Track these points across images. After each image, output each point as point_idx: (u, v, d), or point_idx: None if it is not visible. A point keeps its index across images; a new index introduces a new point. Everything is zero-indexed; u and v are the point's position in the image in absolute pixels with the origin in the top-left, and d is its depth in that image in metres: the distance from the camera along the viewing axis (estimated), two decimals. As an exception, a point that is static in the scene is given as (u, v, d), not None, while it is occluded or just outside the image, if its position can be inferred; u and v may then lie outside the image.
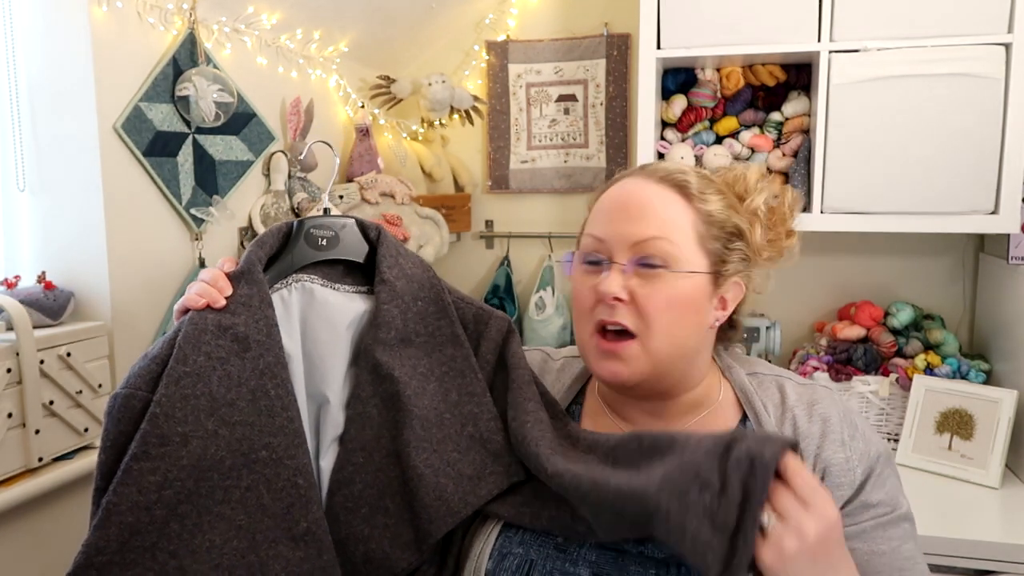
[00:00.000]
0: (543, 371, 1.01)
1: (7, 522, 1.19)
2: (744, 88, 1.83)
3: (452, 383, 0.88)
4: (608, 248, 0.85)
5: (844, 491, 0.81)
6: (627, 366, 0.83)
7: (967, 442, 1.63)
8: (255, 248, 0.85)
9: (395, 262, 0.90)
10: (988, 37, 1.57)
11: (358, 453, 0.85)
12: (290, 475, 0.79)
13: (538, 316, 2.17)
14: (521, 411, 0.85)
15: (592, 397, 0.96)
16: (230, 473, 0.76)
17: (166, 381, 0.75)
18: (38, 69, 1.34)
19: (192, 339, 0.77)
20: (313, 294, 0.88)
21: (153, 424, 0.73)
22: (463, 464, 0.84)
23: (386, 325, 0.87)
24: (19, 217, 1.38)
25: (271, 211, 1.72)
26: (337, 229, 0.91)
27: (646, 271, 0.82)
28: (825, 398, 0.87)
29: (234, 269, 0.83)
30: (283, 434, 0.80)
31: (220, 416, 0.76)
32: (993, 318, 1.84)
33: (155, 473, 0.72)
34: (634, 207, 0.85)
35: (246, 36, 1.69)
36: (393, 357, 0.86)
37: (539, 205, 2.33)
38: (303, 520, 0.79)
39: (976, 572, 1.38)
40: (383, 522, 0.83)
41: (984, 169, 1.59)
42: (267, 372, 0.80)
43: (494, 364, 0.92)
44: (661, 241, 0.82)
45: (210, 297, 0.79)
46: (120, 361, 1.38)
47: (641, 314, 0.82)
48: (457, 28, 2.31)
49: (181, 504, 0.73)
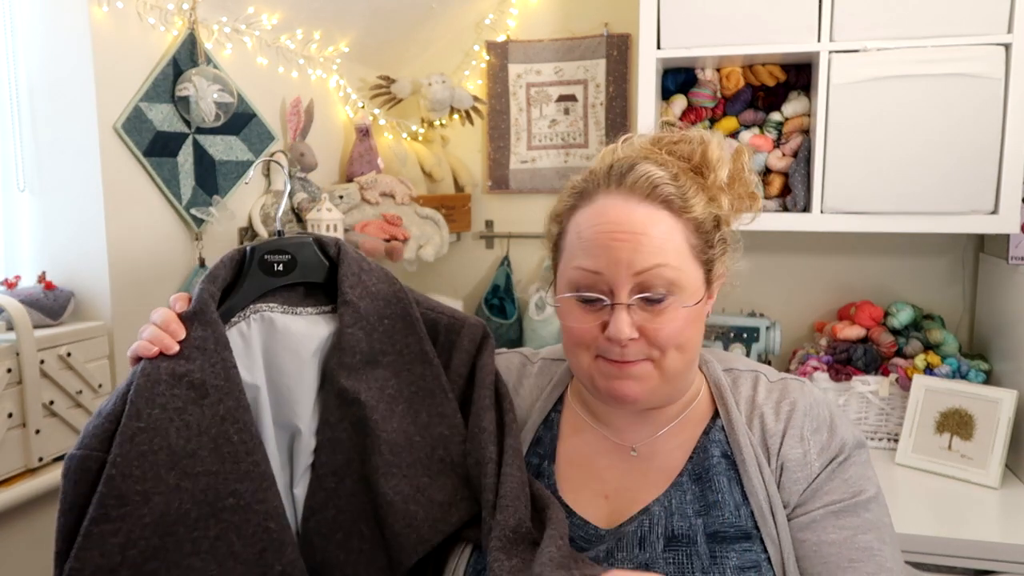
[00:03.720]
0: (521, 376, 0.99)
1: (7, 522, 1.19)
2: (744, 88, 1.83)
3: (422, 404, 0.86)
4: (607, 282, 0.79)
5: (800, 485, 0.81)
6: (641, 385, 0.81)
7: (967, 442, 1.63)
8: (207, 284, 0.81)
9: (357, 280, 0.87)
10: (988, 37, 1.57)
11: (330, 478, 0.83)
12: (260, 520, 0.77)
13: (538, 316, 2.17)
14: (474, 446, 0.84)
15: (572, 404, 0.95)
16: (197, 524, 0.74)
17: (119, 440, 0.72)
18: (38, 69, 1.34)
19: (144, 392, 0.74)
20: (274, 324, 0.84)
21: (110, 486, 0.70)
22: (433, 490, 0.82)
23: (350, 349, 0.84)
24: (19, 217, 1.38)
25: (271, 211, 1.72)
26: (294, 251, 0.86)
27: (653, 306, 0.79)
28: (794, 392, 0.86)
29: (186, 309, 0.79)
30: (249, 479, 0.77)
31: (181, 468, 0.74)
32: (993, 318, 1.84)
33: (117, 535, 0.70)
34: (627, 235, 0.79)
35: (246, 36, 1.69)
36: (359, 381, 0.84)
37: (539, 205, 2.33)
38: (277, 563, 0.77)
39: (976, 572, 1.38)
40: (358, 547, 0.82)
41: (984, 169, 1.59)
42: (228, 417, 0.77)
43: (466, 376, 0.89)
44: (664, 268, 0.78)
45: (162, 344, 0.76)
46: (120, 361, 1.38)
47: (654, 345, 0.79)
48: (457, 28, 2.31)
49: (148, 562, 0.71)
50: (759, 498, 0.81)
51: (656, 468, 0.87)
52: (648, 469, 0.87)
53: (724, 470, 0.83)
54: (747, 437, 0.84)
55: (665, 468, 0.86)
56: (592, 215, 0.82)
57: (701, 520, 0.81)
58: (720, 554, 0.79)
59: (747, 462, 0.83)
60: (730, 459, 0.84)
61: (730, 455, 0.84)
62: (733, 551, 0.79)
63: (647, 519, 0.82)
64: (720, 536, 0.80)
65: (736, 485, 0.82)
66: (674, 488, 0.84)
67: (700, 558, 0.78)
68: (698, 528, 0.80)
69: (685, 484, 0.84)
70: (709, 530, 0.80)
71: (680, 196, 0.81)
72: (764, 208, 1.81)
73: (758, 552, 0.79)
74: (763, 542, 0.80)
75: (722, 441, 0.85)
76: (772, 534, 0.80)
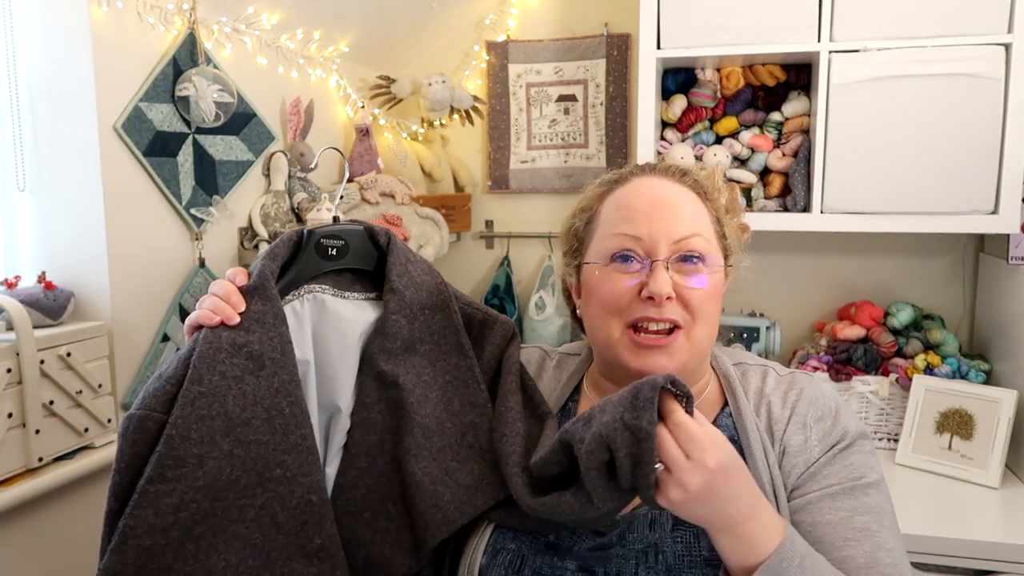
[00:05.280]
0: (541, 368, 1.03)
1: (7, 522, 1.19)
2: (744, 88, 1.83)
3: (455, 392, 0.89)
4: (647, 246, 0.85)
5: (799, 469, 0.84)
6: (672, 359, 0.85)
7: (967, 442, 1.63)
8: (267, 261, 0.83)
9: (404, 270, 0.90)
10: (988, 37, 1.57)
11: (362, 458, 0.85)
12: (304, 492, 0.79)
13: (538, 316, 2.17)
14: (501, 422, 0.86)
15: (588, 394, 0.98)
16: (245, 492, 0.76)
17: (181, 402, 0.73)
18: (38, 69, 1.34)
19: (207, 358, 0.76)
20: (324, 305, 0.87)
21: (169, 446, 0.72)
22: (461, 474, 0.84)
23: (392, 335, 0.87)
24: (19, 217, 1.38)
25: (271, 211, 1.72)
26: (347, 238, 0.90)
27: (688, 267, 0.86)
28: (802, 383, 0.90)
29: (247, 283, 0.81)
30: (297, 452, 0.79)
31: (235, 436, 0.75)
32: (993, 318, 1.84)
33: (171, 495, 0.71)
34: (668, 205, 0.87)
35: (246, 36, 1.69)
36: (397, 365, 0.86)
37: (539, 205, 2.33)
38: (317, 537, 0.79)
39: (976, 572, 1.38)
40: (385, 526, 0.83)
41: (984, 169, 1.59)
42: (282, 390, 0.79)
43: (495, 368, 0.93)
44: (698, 238, 0.86)
45: (224, 314, 0.78)
46: (120, 361, 1.38)
47: (688, 308, 0.85)
48: (457, 28, 2.31)
49: (197, 525, 0.73)
50: (763, 480, 0.83)
51: None
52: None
53: None
54: (754, 423, 0.87)
55: None
56: (630, 191, 0.91)
57: None
58: None
59: (752, 446, 0.85)
60: (736, 443, 0.86)
61: (736, 440, 0.87)
62: None
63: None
64: None
65: None
66: None
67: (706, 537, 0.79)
68: None
69: None
70: None
71: (707, 186, 0.92)
72: (764, 208, 1.81)
73: None
74: None
75: (730, 427, 0.89)
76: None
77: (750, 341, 1.91)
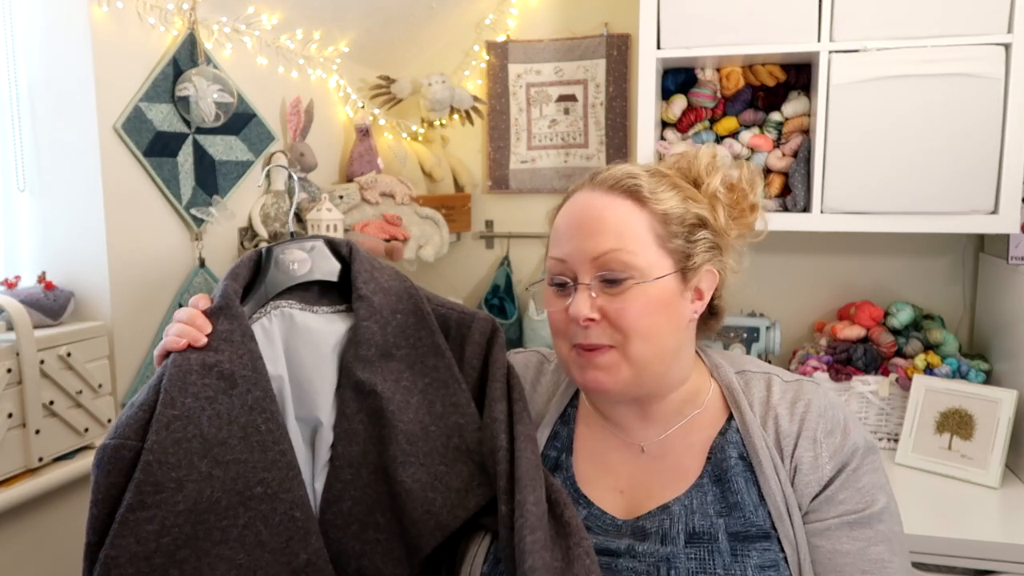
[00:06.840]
0: (539, 373, 1.01)
1: (7, 522, 1.19)
2: (744, 88, 1.83)
3: (436, 395, 0.88)
4: (571, 268, 0.84)
5: (812, 488, 0.83)
6: (608, 374, 0.83)
7: (967, 442, 1.63)
8: (229, 281, 0.83)
9: (371, 276, 0.90)
10: (987, 37, 1.57)
11: (346, 470, 0.84)
12: (286, 509, 0.78)
13: (538, 316, 2.18)
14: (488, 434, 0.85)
15: (585, 401, 0.97)
16: (227, 513, 0.75)
17: (156, 427, 0.73)
18: (38, 69, 1.34)
19: (177, 381, 0.75)
20: (293, 319, 0.87)
21: (147, 472, 0.71)
22: (450, 477, 0.84)
23: (366, 342, 0.87)
24: (19, 217, 1.38)
25: (271, 211, 1.72)
26: (306, 251, 0.90)
27: (610, 287, 0.82)
28: (809, 393, 0.88)
29: (210, 305, 0.81)
30: (276, 468, 0.79)
31: (213, 456, 0.75)
32: (993, 318, 1.84)
33: (152, 522, 0.71)
34: (587, 222, 0.84)
35: (246, 36, 1.69)
36: (374, 373, 0.86)
37: (539, 205, 2.33)
38: (303, 552, 0.79)
39: (976, 572, 1.38)
40: (374, 537, 0.83)
41: (984, 169, 1.59)
42: (256, 407, 0.79)
43: (479, 369, 0.91)
44: (619, 252, 0.82)
45: (190, 336, 0.78)
46: (120, 361, 1.38)
47: (616, 328, 0.82)
48: (457, 28, 2.31)
49: (180, 550, 0.72)
50: (776, 499, 0.82)
51: (670, 467, 0.88)
52: (661, 468, 0.88)
53: (741, 471, 0.85)
54: (762, 439, 0.85)
55: (681, 468, 0.87)
56: (564, 210, 0.90)
57: (723, 520, 0.82)
58: (741, 552, 0.80)
59: (763, 464, 0.84)
60: (746, 460, 0.85)
61: (746, 456, 0.85)
62: (754, 550, 0.80)
63: (667, 517, 0.83)
64: (742, 536, 0.81)
65: (753, 486, 0.84)
66: (695, 489, 0.85)
67: (722, 555, 0.79)
68: (719, 527, 0.81)
69: (706, 486, 0.85)
70: (731, 529, 0.81)
71: (648, 189, 0.85)
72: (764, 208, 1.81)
73: (776, 552, 0.80)
74: (780, 542, 0.81)
75: (738, 443, 0.87)
76: (789, 534, 0.81)
77: (750, 341, 1.91)
